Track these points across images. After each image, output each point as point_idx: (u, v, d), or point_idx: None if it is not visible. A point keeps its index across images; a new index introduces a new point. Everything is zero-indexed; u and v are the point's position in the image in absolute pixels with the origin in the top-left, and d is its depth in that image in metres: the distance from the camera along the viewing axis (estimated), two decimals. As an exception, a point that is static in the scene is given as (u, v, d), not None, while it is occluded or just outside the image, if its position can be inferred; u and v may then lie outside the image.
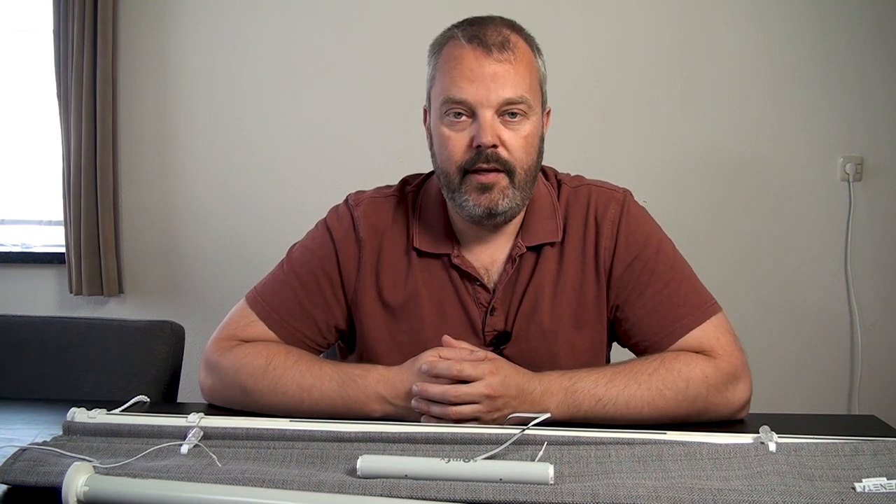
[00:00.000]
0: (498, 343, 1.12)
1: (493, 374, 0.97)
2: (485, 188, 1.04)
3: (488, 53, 1.03)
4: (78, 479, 0.74)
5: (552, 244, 1.13)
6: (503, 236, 1.13)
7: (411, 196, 1.18)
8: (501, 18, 1.08)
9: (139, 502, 0.73)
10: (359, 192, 1.20)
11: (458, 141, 1.05)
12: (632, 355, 1.14)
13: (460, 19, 1.11)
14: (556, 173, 1.21)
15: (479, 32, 1.04)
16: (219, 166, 2.42)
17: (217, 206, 2.43)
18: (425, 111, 1.14)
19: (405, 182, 1.21)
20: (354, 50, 2.36)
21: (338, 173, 2.33)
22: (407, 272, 1.14)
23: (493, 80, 1.02)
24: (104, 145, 2.31)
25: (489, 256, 1.13)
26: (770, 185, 2.34)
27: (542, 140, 1.10)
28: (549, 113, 1.14)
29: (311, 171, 2.38)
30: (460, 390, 0.96)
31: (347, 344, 1.21)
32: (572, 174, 1.21)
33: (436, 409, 0.97)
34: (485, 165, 1.04)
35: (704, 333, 1.08)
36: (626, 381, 1.01)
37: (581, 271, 1.12)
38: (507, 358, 1.08)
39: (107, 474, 0.77)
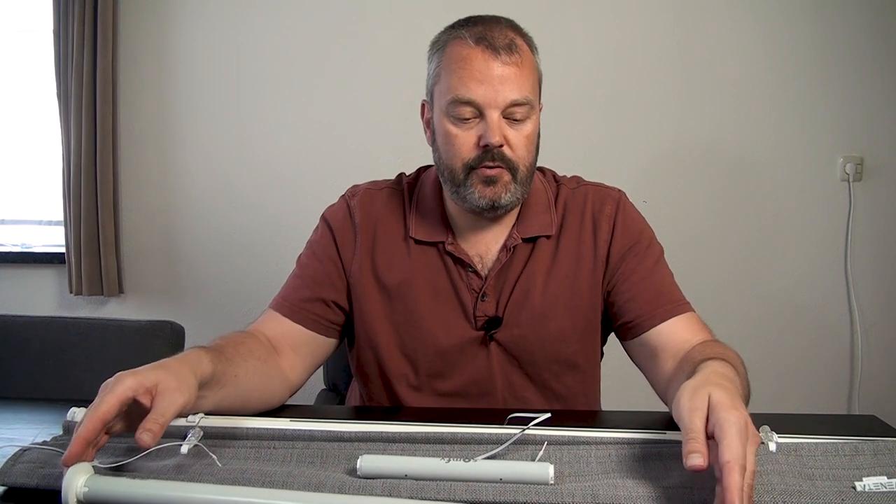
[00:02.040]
0: (489, 327, 1.14)
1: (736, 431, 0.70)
2: (490, 181, 1.08)
3: (496, 56, 1.05)
4: (78, 479, 0.74)
5: (548, 237, 1.16)
6: (498, 227, 1.16)
7: (408, 188, 1.22)
8: (505, 19, 1.11)
9: (139, 502, 0.73)
10: (355, 186, 1.25)
11: (465, 139, 1.08)
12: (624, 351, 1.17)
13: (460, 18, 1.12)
14: (554, 175, 1.25)
15: (486, 34, 1.06)
16: (219, 166, 2.42)
17: (217, 206, 2.43)
18: (424, 105, 1.16)
19: (402, 175, 1.25)
20: (355, 49, 2.36)
21: (338, 173, 2.31)
22: (402, 257, 1.17)
23: (500, 82, 1.05)
24: (104, 145, 2.31)
25: (484, 246, 1.16)
26: (770, 185, 2.34)
27: (539, 137, 1.14)
28: (540, 109, 1.16)
29: (312, 170, 2.38)
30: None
31: (345, 327, 1.22)
32: (569, 175, 1.25)
33: None
34: (490, 163, 1.07)
35: (694, 317, 1.12)
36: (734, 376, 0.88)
37: (576, 262, 1.16)
38: (499, 343, 1.13)
39: (107, 474, 0.77)
